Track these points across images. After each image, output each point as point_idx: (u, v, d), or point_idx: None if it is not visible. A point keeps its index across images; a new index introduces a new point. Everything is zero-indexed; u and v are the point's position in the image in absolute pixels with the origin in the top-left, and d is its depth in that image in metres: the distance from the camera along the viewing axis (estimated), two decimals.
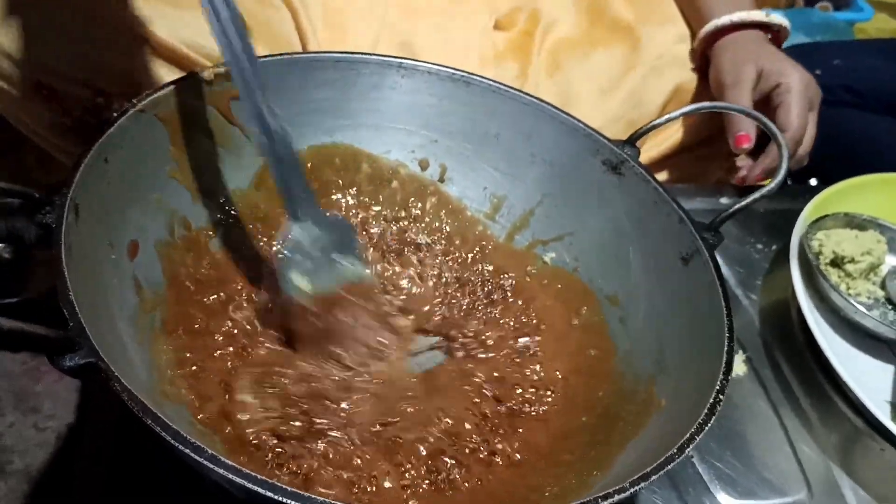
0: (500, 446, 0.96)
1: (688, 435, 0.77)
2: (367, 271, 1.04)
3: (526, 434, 0.99)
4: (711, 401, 0.81)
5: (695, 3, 1.55)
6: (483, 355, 1.07)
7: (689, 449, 0.76)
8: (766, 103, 1.43)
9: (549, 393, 1.04)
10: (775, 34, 1.53)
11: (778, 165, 1.05)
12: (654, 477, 0.73)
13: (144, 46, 1.20)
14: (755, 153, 1.41)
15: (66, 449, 0.97)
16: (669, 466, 0.74)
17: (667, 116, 1.11)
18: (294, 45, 1.30)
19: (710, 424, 0.79)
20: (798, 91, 1.40)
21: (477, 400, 1.01)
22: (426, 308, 1.12)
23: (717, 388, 0.82)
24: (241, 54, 0.92)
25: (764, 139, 1.40)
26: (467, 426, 0.98)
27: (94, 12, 1.16)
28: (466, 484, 0.91)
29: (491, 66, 1.47)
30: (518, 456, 0.96)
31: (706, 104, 1.16)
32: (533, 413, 1.01)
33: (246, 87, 0.92)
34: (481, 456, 0.95)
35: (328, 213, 1.01)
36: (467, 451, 0.95)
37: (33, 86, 1.19)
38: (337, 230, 1.01)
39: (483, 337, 1.09)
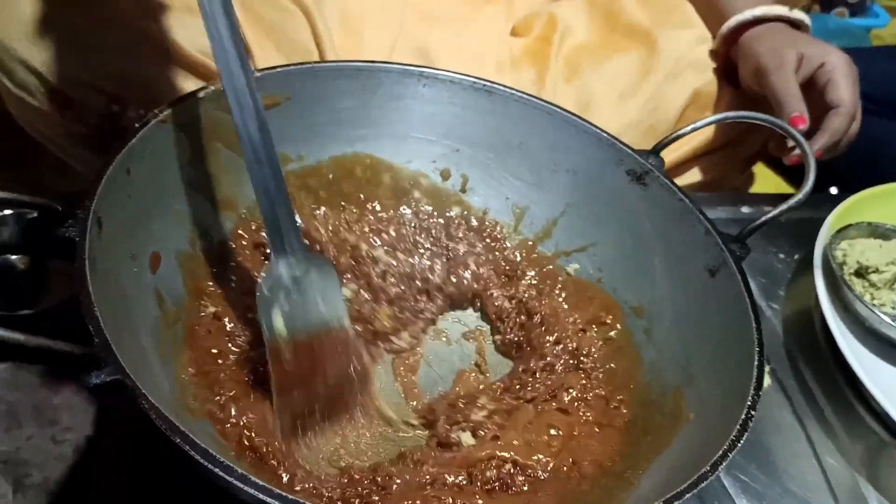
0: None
1: (720, 452, 0.77)
2: (346, 320, 0.99)
3: None
4: (744, 416, 0.80)
5: (713, 3, 1.54)
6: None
7: (722, 465, 0.76)
8: (811, 86, 1.41)
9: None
10: (797, 30, 1.52)
11: (805, 175, 1.04)
12: (687, 495, 0.72)
13: (160, 54, 1.19)
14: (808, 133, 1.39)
15: (84, 461, 0.96)
16: (703, 485, 0.74)
17: (692, 126, 1.10)
18: (311, 51, 1.29)
19: (742, 440, 0.78)
20: (844, 68, 1.39)
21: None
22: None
23: (749, 403, 0.82)
24: (235, 70, 0.87)
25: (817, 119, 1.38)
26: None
27: (109, 20, 1.16)
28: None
29: (508, 72, 1.47)
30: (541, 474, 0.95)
31: (731, 114, 1.15)
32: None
33: (237, 105, 0.88)
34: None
35: (313, 252, 0.99)
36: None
37: (49, 94, 1.19)
38: (320, 270, 0.96)
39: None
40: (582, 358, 1.07)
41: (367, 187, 1.16)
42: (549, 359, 1.06)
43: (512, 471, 0.92)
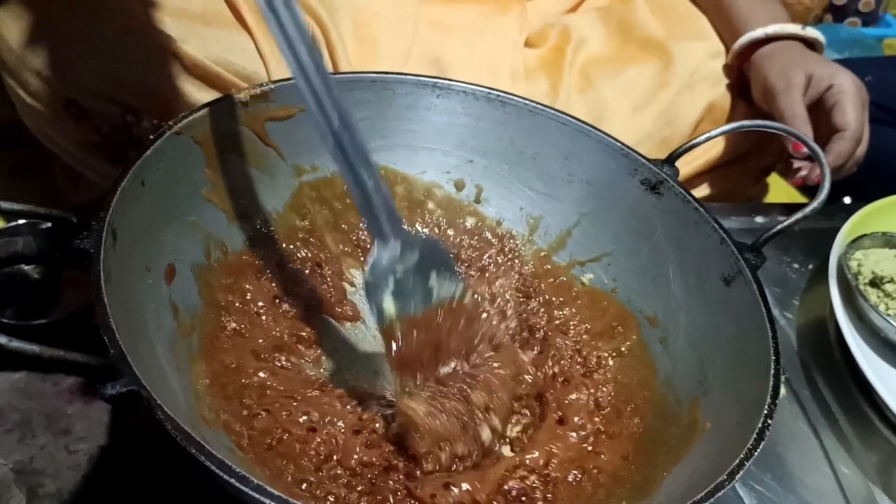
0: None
1: (737, 461, 0.76)
2: (466, 294, 0.98)
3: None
4: (760, 425, 0.80)
5: (727, 18, 1.54)
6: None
7: (739, 475, 0.75)
8: (819, 107, 1.42)
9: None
10: (810, 48, 1.52)
11: (820, 184, 1.04)
12: None
13: (174, 64, 1.20)
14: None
15: (97, 471, 0.97)
16: (720, 493, 0.73)
17: (706, 135, 1.10)
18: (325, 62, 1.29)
19: (759, 449, 0.78)
20: (851, 91, 1.40)
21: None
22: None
23: (766, 412, 0.82)
24: (308, 65, 0.88)
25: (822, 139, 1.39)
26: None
27: (123, 30, 1.17)
28: None
29: (522, 82, 1.47)
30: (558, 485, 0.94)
31: (746, 123, 1.15)
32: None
33: (314, 99, 0.88)
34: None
35: (417, 233, 0.99)
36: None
37: (62, 103, 1.19)
38: (429, 248, 0.96)
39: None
40: (596, 368, 1.07)
41: None
42: (564, 369, 1.06)
43: (535, 483, 0.92)
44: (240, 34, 1.24)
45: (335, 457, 0.90)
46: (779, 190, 1.81)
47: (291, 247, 1.10)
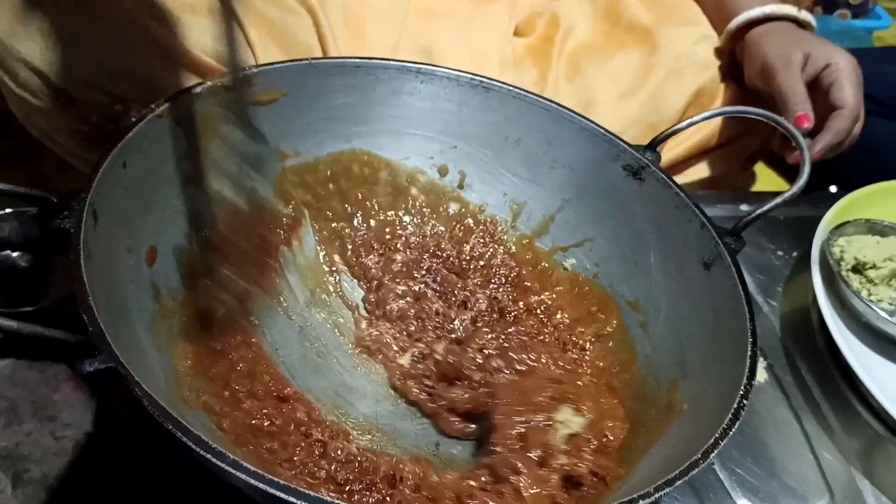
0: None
1: (712, 440, 0.77)
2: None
3: None
4: (735, 405, 0.80)
5: (719, 0, 1.54)
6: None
7: (713, 454, 0.75)
8: (816, 85, 1.42)
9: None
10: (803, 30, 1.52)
11: (800, 169, 1.04)
12: (678, 482, 0.72)
13: (163, 53, 1.20)
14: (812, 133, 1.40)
15: (83, 457, 0.97)
16: (694, 472, 0.74)
17: (688, 121, 1.10)
18: (314, 50, 1.29)
19: (734, 429, 0.78)
20: (849, 70, 1.40)
21: None
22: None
23: (742, 392, 0.82)
24: None
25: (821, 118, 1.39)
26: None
27: (112, 20, 1.16)
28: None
29: (511, 71, 1.47)
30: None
31: (728, 109, 1.16)
32: None
33: None
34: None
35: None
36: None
37: (51, 93, 1.19)
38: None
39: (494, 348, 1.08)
40: (577, 352, 1.07)
41: (365, 185, 1.17)
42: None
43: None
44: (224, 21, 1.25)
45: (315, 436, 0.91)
46: (767, 179, 1.81)
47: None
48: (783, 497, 1.02)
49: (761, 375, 1.16)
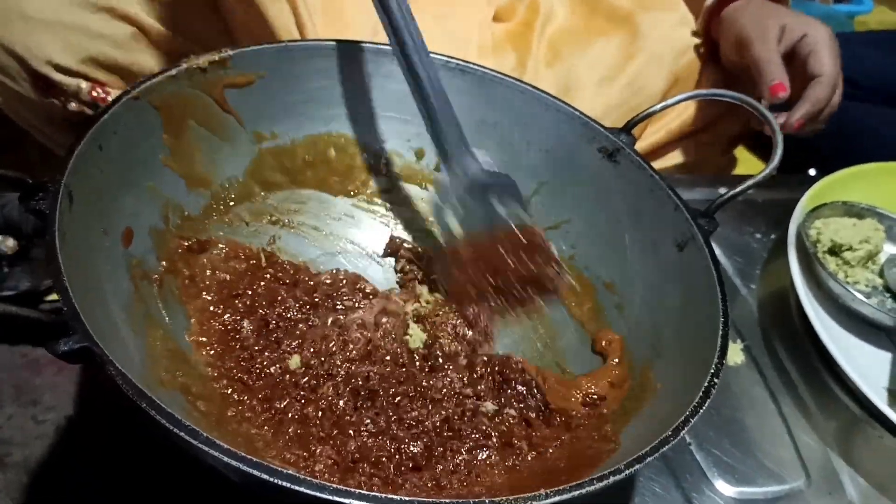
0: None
1: (682, 417, 0.77)
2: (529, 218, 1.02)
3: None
4: (706, 384, 0.81)
5: None
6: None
7: (683, 431, 0.76)
8: (793, 57, 1.43)
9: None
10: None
11: (773, 150, 1.04)
12: (648, 459, 0.73)
13: (140, 38, 1.20)
14: (788, 104, 1.40)
15: (64, 441, 0.97)
16: (664, 448, 0.74)
17: (663, 103, 1.10)
18: (293, 35, 1.29)
19: (705, 407, 0.79)
20: (826, 39, 1.41)
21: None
22: None
23: (713, 371, 0.82)
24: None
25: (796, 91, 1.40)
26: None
27: (90, 5, 1.17)
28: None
29: (490, 56, 1.47)
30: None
31: (702, 92, 1.15)
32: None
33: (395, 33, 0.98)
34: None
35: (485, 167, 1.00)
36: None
37: (31, 78, 1.19)
38: (495, 178, 1.00)
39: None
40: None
41: (341, 167, 1.17)
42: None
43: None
44: (204, 5, 1.25)
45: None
46: (748, 164, 1.81)
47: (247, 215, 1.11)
48: (760, 477, 1.03)
49: (738, 357, 1.16)
